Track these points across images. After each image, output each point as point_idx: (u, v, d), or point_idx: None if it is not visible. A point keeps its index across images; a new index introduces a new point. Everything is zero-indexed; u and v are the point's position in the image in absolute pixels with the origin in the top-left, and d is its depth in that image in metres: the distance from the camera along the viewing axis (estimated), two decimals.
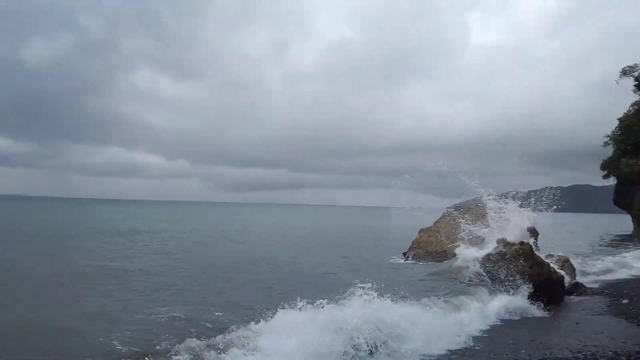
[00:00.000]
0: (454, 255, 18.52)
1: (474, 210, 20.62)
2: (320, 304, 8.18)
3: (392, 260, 21.30)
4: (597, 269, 18.85)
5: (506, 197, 15.06)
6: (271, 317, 8.00)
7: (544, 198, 14.66)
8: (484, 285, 12.72)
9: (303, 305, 8.07)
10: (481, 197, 15.38)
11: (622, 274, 18.17)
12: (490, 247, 14.08)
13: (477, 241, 15.79)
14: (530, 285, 12.10)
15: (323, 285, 13.41)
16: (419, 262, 19.72)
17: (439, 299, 10.99)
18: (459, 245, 16.53)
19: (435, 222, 21.44)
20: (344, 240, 33.96)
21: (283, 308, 8.19)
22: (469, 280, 13.30)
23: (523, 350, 7.83)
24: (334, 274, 16.65)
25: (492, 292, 12.18)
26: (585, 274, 17.07)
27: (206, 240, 30.00)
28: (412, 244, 21.59)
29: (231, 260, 19.81)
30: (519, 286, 12.12)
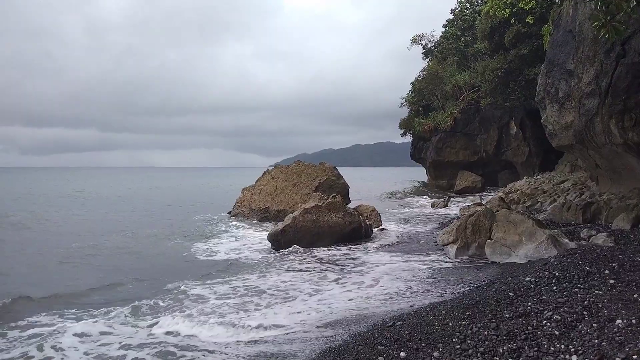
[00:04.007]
0: (278, 212, 19.50)
1: (293, 168, 21.79)
2: None
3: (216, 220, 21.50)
4: (398, 217, 21.61)
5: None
6: None
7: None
8: None
9: None
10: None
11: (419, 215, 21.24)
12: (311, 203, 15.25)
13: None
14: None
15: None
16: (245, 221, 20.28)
17: None
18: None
19: (257, 180, 22.11)
20: (167, 202, 32.89)
21: None
22: None
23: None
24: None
25: None
26: (389, 220, 19.48)
27: None
28: (236, 202, 22.01)
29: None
30: None
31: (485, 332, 5.17)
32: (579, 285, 6.52)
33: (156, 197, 39.42)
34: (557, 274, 7.18)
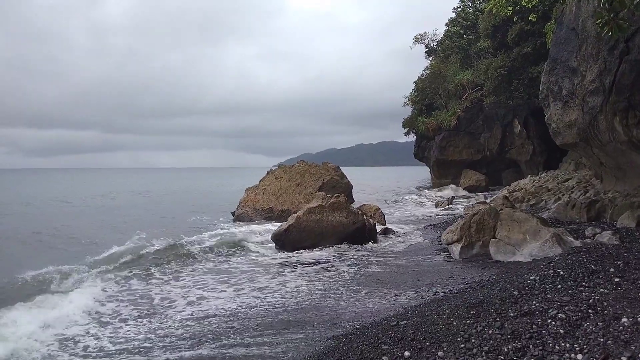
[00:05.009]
0: (281, 211, 19.53)
1: (296, 168, 21.80)
2: None
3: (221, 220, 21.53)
4: (400, 217, 21.57)
5: None
6: None
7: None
8: None
9: None
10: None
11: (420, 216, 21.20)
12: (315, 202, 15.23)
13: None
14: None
15: None
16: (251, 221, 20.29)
17: None
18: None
19: (261, 181, 22.13)
20: (167, 204, 32.98)
21: None
22: None
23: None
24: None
25: None
26: (393, 219, 19.49)
27: None
28: (240, 202, 22.03)
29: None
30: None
31: (490, 331, 5.16)
32: (584, 283, 6.49)
33: (163, 198, 39.52)
34: (561, 273, 7.16)
